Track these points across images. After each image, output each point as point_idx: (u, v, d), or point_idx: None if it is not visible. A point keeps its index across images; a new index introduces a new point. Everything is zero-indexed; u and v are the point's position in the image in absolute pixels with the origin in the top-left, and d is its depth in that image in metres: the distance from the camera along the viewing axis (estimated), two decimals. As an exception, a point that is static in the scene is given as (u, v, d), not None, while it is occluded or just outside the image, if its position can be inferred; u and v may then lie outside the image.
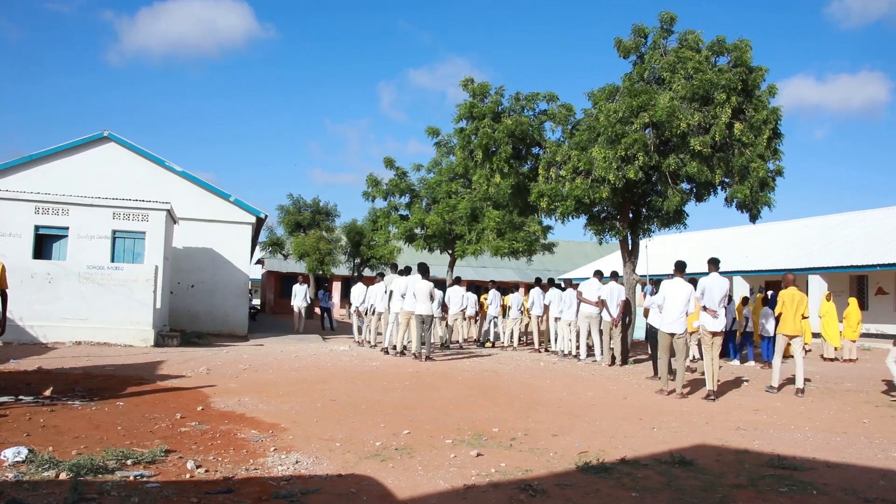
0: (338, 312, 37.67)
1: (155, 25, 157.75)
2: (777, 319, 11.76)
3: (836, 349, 17.83)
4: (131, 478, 5.30)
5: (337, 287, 43.93)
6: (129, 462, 5.70)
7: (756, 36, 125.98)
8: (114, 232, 18.14)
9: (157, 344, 16.71)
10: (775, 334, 12.51)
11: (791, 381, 12.14)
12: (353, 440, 7.04)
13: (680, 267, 11.77)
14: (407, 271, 15.84)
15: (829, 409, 10.07)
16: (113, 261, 17.76)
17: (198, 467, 5.69)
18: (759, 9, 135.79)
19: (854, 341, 17.66)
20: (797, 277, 18.31)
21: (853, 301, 18.09)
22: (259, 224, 25.01)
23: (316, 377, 11.94)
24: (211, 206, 22.49)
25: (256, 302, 46.16)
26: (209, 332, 21.06)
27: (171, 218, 19.61)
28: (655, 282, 14.45)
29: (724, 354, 13.61)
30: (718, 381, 11.26)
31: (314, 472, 5.85)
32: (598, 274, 16.02)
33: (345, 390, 10.50)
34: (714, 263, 11.63)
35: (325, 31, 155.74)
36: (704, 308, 11.22)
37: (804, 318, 11.68)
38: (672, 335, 11.39)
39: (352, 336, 21.38)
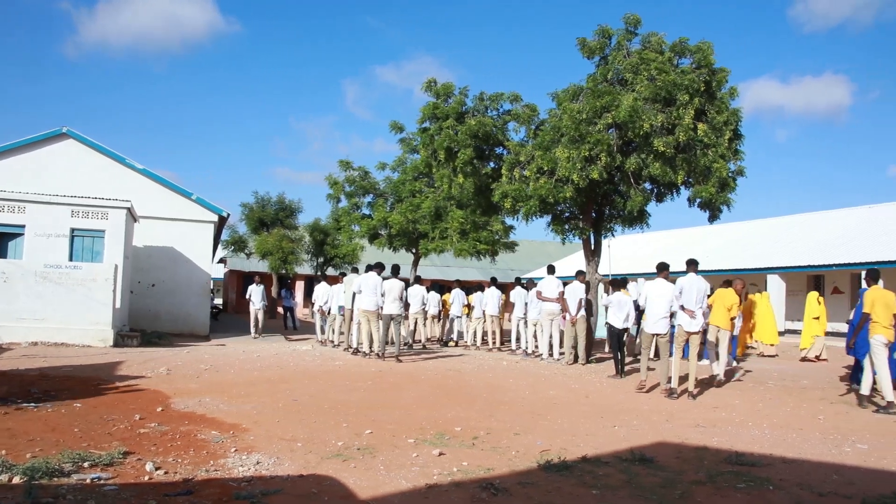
0: (301, 312, 37.45)
1: (115, 17, 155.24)
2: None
3: (772, 346, 18.06)
4: (88, 480, 5.21)
5: (300, 286, 43.68)
6: (85, 465, 5.61)
7: (722, 38, 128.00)
8: (72, 230, 17.85)
9: (117, 344, 16.48)
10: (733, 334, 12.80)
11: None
12: (314, 440, 7.00)
13: (662, 268, 11.89)
14: (369, 269, 15.75)
15: (785, 407, 10.24)
16: (71, 259, 17.48)
17: (157, 469, 5.62)
18: (726, 11, 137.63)
19: (820, 336, 17.74)
20: (756, 277, 18.60)
21: (812, 296, 18.15)
22: (221, 222, 24.78)
23: (278, 377, 11.87)
24: (172, 205, 22.23)
25: (218, 301, 45.72)
26: (170, 332, 20.81)
27: (132, 216, 19.36)
28: (611, 281, 14.56)
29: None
30: (696, 378, 11.32)
31: (275, 472, 5.81)
32: (551, 269, 16.16)
33: (307, 390, 10.45)
34: (692, 264, 11.74)
35: (290, 26, 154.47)
36: (682, 308, 11.33)
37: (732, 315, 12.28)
38: (655, 335, 11.53)
39: (315, 335, 21.28)
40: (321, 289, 20.33)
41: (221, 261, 45.92)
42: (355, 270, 17.05)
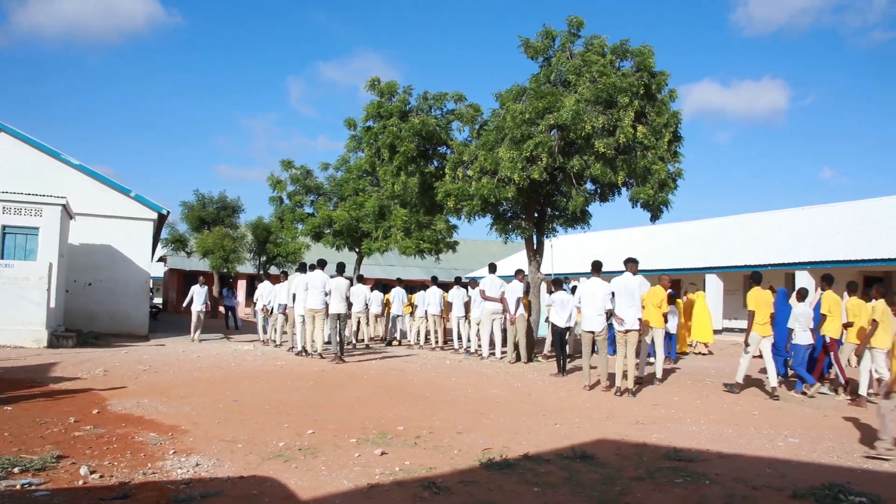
0: (242, 311, 37.00)
1: (48, 5, 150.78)
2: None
3: (706, 345, 18.48)
4: (18, 487, 5.07)
5: (242, 285, 43.17)
6: (16, 470, 5.45)
7: (666, 40, 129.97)
8: (3, 227, 17.27)
9: (51, 345, 16.06)
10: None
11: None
12: (255, 441, 6.93)
13: (596, 267, 12.05)
14: (313, 268, 15.63)
15: (722, 403, 10.47)
16: (2, 258, 16.94)
17: (92, 473, 5.50)
18: (670, 14, 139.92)
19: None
20: (695, 276, 18.98)
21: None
22: (161, 220, 24.30)
23: (219, 377, 11.71)
24: (110, 202, 21.72)
25: (158, 301, 44.87)
26: (108, 332, 20.33)
27: (67, 213, 18.85)
28: (554, 281, 14.70)
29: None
30: (635, 376, 11.51)
31: (215, 474, 5.73)
32: (492, 268, 16.28)
33: (248, 390, 10.33)
34: (628, 263, 11.89)
35: (234, 20, 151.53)
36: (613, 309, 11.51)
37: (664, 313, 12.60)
38: (592, 333, 11.68)
39: (257, 335, 21.05)
40: (264, 288, 20.12)
41: (161, 259, 45.12)
42: (303, 268, 16.90)
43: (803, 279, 24.95)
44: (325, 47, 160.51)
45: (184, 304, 20.45)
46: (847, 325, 11.60)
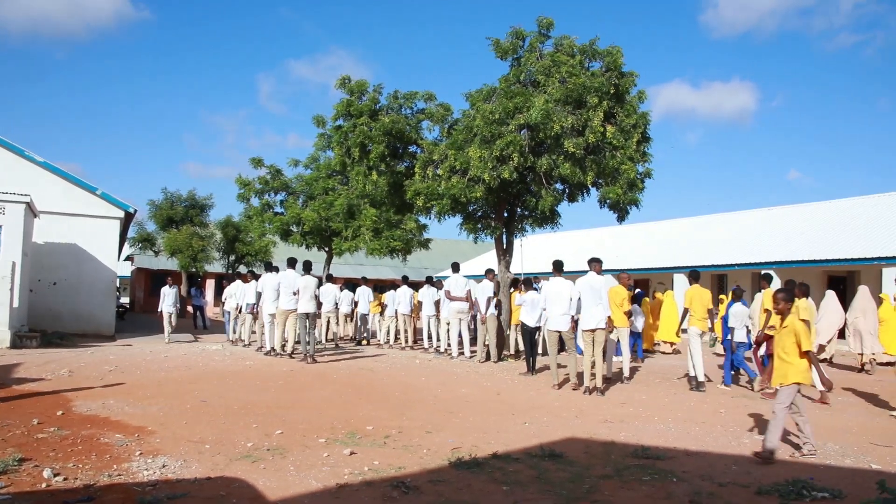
0: (211, 311, 36.69)
1: None
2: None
3: (672, 344, 18.72)
4: (-21, 489, 4.99)
5: (210, 285, 42.80)
6: (-23, 472, 5.36)
7: (636, 41, 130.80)
8: (-35, 226, 16.98)
9: (15, 345, 15.81)
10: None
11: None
12: (223, 442, 6.88)
13: (557, 266, 12.10)
14: (290, 266, 15.47)
15: (690, 401, 10.57)
16: (-36, 257, 16.64)
17: (55, 476, 5.42)
18: (640, 14, 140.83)
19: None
20: (663, 276, 19.16)
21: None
22: (128, 219, 23.98)
23: (186, 378, 11.60)
24: (76, 200, 21.40)
25: (125, 300, 44.37)
26: (73, 332, 20.04)
27: (32, 211, 18.55)
28: (525, 280, 14.78)
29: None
30: (603, 374, 11.59)
31: (182, 475, 5.68)
32: (456, 267, 16.33)
33: (216, 391, 10.25)
34: (593, 263, 11.95)
35: (203, 15, 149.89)
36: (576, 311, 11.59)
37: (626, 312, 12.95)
38: (558, 332, 11.73)
39: (225, 335, 20.88)
40: (233, 287, 19.96)
41: (128, 258, 44.60)
42: (271, 268, 16.77)
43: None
44: (296, 45, 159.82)
45: (159, 308, 20.23)
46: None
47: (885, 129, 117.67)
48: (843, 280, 28.56)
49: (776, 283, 22.98)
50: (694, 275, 12.57)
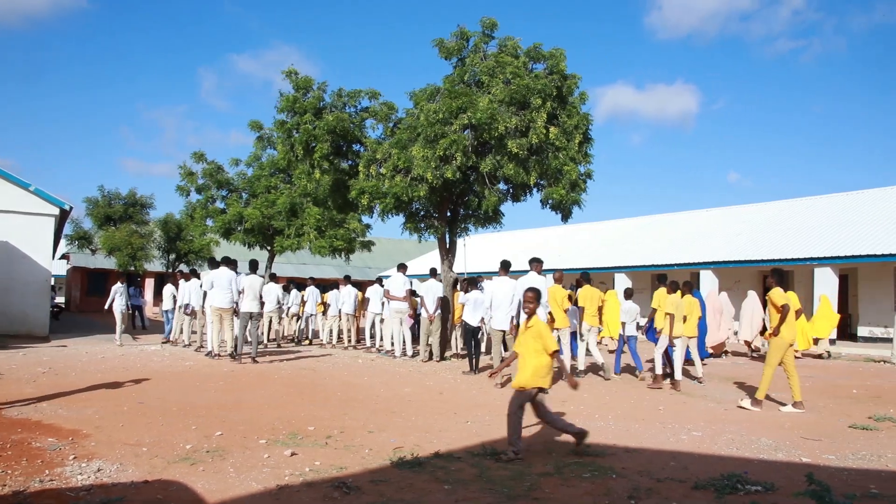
0: (150, 311, 36.01)
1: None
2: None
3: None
4: None
5: (150, 284, 42.00)
6: None
7: (582, 43, 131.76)
8: None
9: (-58, 346, 15.29)
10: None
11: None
12: (161, 444, 6.75)
13: (504, 266, 12.17)
14: (224, 264, 15.20)
15: (630, 399, 10.74)
16: None
17: (-17, 481, 5.25)
18: (587, 15, 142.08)
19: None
20: (605, 276, 19.42)
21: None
22: (63, 216, 23.38)
23: (124, 379, 11.34)
24: (7, 196, 20.74)
25: (60, 300, 43.24)
26: (4, 333, 19.44)
27: (-40, 208, 17.98)
28: (468, 280, 14.84)
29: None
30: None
31: (118, 479, 5.55)
32: (401, 267, 16.34)
33: (154, 392, 10.06)
34: (534, 263, 12.05)
35: (142, 5, 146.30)
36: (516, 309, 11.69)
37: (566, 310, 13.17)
38: (502, 331, 11.78)
39: (164, 335, 20.50)
40: (173, 286, 19.61)
41: (64, 257, 43.52)
42: (214, 264, 16.51)
43: (707, 279, 25.85)
44: (239, 39, 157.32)
45: (105, 305, 19.58)
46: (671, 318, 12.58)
47: (820, 133, 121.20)
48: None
49: (701, 284, 23.53)
50: (585, 276, 13.88)
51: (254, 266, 15.10)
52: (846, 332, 25.36)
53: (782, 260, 24.07)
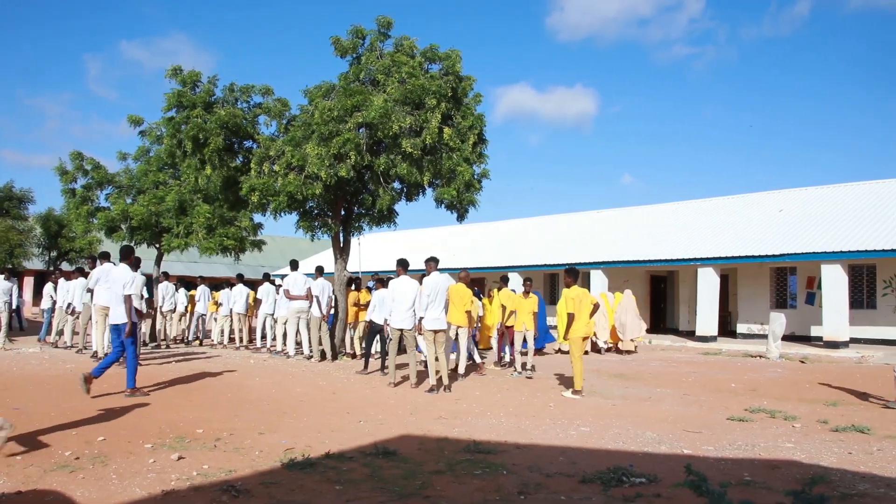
0: (29, 310, 34.35)
1: None
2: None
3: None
4: None
5: (29, 282, 40.05)
6: None
7: (482, 42, 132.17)
8: None
9: None
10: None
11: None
12: (38, 452, 6.45)
13: (402, 264, 12.15)
14: (115, 259, 14.58)
15: (521, 396, 10.93)
16: None
17: None
18: (488, 14, 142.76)
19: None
20: (500, 275, 19.74)
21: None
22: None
23: (-3, 383, 10.80)
24: None
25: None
26: None
27: None
28: (378, 279, 14.84)
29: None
30: (447, 372, 11.77)
31: (-12, 489, 5.28)
32: (294, 265, 16.17)
33: (33, 397, 9.61)
34: (429, 262, 12.10)
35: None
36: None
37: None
38: (401, 331, 11.76)
39: (39, 336, 19.61)
40: (60, 285, 18.76)
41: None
42: (105, 257, 15.86)
43: (597, 278, 26.60)
44: (129, 25, 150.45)
45: None
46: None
47: (709, 138, 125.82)
48: (664, 279, 30.48)
49: (591, 283, 24.22)
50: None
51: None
52: (726, 328, 26.61)
53: (668, 260, 25.03)
